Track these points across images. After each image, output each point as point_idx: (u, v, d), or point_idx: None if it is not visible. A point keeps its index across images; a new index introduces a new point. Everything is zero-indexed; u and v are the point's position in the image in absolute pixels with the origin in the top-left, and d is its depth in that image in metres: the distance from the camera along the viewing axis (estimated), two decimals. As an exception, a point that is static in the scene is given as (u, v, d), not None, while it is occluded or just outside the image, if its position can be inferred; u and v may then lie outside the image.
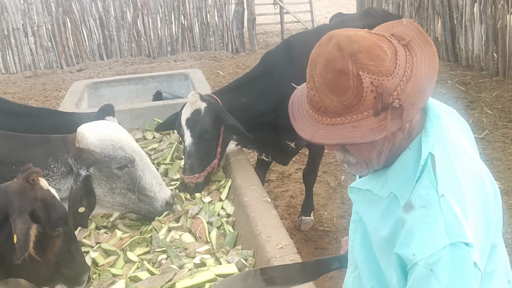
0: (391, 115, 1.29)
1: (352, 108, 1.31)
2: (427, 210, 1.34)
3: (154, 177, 3.24)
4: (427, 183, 1.38)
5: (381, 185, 1.50)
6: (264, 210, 3.09)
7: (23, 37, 12.25)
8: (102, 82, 6.73)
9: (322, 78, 1.33)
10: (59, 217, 2.35)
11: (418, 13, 10.62)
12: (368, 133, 1.31)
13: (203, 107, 3.70)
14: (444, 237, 1.30)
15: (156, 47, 12.99)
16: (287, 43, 4.34)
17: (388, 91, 1.29)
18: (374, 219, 1.52)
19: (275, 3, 14.41)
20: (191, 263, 2.80)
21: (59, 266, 2.46)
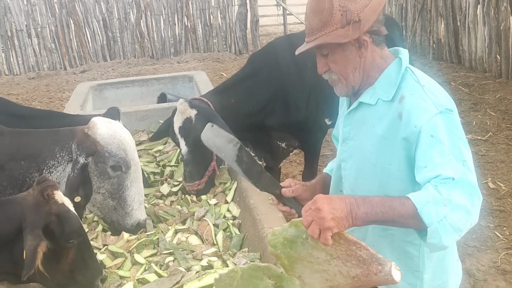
0: (352, 26, 1.82)
1: (327, 23, 1.84)
2: (415, 95, 1.82)
3: (138, 194, 3.19)
4: (410, 80, 1.87)
5: (370, 95, 1.94)
6: (270, 213, 3.11)
7: (27, 38, 12.27)
8: (107, 84, 6.75)
9: (310, 7, 1.89)
10: (73, 230, 2.39)
11: (421, 14, 10.63)
12: (336, 37, 1.83)
13: (194, 115, 3.70)
14: (433, 108, 1.76)
15: (160, 49, 13.01)
16: (273, 45, 4.39)
17: (351, 11, 1.80)
18: (369, 129, 1.93)
19: (278, 5, 14.43)
20: (198, 265, 2.82)
21: (73, 273, 2.50)
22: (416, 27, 10.82)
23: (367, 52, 1.89)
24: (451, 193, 1.65)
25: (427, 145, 1.73)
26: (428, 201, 1.64)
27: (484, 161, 5.75)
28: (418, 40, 10.89)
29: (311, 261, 1.74)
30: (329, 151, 6.35)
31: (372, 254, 1.64)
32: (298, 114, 4.10)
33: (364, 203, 1.70)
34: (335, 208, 1.67)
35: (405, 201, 1.67)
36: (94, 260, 2.60)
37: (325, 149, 6.39)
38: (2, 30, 12.03)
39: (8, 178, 2.87)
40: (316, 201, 1.70)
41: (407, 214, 1.66)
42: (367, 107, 1.95)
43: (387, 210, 1.68)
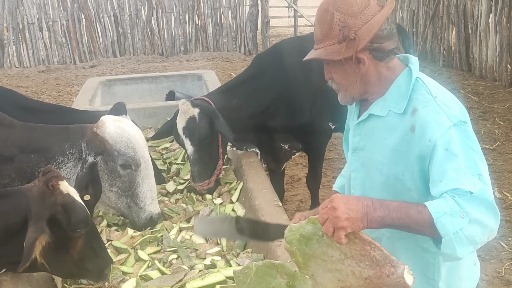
0: (347, 44, 1.81)
1: (326, 36, 1.84)
2: (428, 108, 1.78)
3: (150, 190, 3.24)
4: (421, 91, 1.83)
5: (381, 107, 1.92)
6: (275, 214, 3.10)
7: (38, 31, 12.34)
8: (116, 79, 6.78)
9: (316, 15, 1.90)
10: (80, 220, 2.39)
11: (432, 21, 10.59)
12: (331, 54, 1.84)
13: (197, 113, 3.69)
14: (447, 121, 1.73)
15: (169, 46, 13.04)
16: (278, 47, 4.37)
17: (349, 27, 1.79)
18: (380, 140, 1.92)
19: (290, 6, 14.43)
20: (202, 264, 2.82)
21: (83, 262, 2.52)
22: (427, 34, 10.78)
23: (365, 68, 1.87)
24: (468, 206, 1.63)
25: (442, 159, 1.71)
26: (445, 212, 1.63)
27: (492, 171, 5.71)
28: (429, 46, 10.85)
29: (324, 260, 1.75)
30: (336, 155, 6.35)
31: (385, 255, 1.64)
32: (302, 117, 4.08)
33: (381, 206, 1.71)
34: (350, 209, 1.68)
35: (422, 209, 1.67)
36: (103, 249, 2.63)
37: (332, 153, 6.38)
38: (14, 23, 12.10)
39: (17, 170, 2.89)
40: (332, 199, 1.71)
41: (423, 223, 1.67)
42: (378, 118, 1.94)
43: (403, 216, 1.69)
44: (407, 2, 11.39)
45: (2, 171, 2.90)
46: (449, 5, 10.00)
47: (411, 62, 1.94)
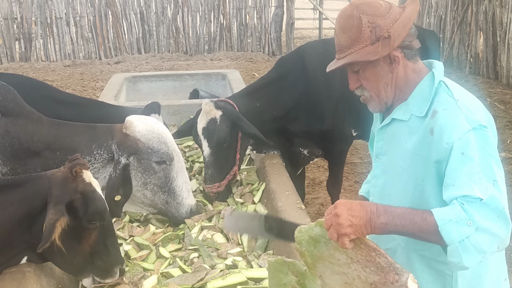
0: (382, 42, 1.79)
1: (356, 40, 1.81)
2: (448, 110, 1.76)
3: (185, 182, 3.25)
4: (443, 95, 1.81)
5: (403, 111, 1.90)
6: (297, 217, 3.07)
7: (65, 26, 12.51)
8: (141, 76, 6.83)
9: (338, 24, 1.87)
10: (97, 211, 2.39)
11: (460, 27, 10.45)
12: (366, 55, 1.81)
13: (219, 116, 3.65)
14: (466, 124, 1.70)
15: (194, 45, 13.10)
16: (302, 51, 4.32)
17: (380, 27, 1.78)
18: (400, 144, 1.90)
19: (315, 8, 14.38)
20: (223, 264, 2.81)
21: (93, 256, 2.51)
22: (454, 40, 10.65)
23: (398, 68, 1.86)
24: (477, 213, 1.60)
25: (457, 162, 1.69)
26: (450, 219, 1.60)
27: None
28: (455, 53, 10.71)
29: (332, 262, 1.77)
30: (358, 159, 6.30)
31: (390, 262, 1.65)
32: (324, 123, 4.02)
33: (385, 213, 1.70)
34: (353, 215, 1.68)
35: (427, 216, 1.65)
36: (116, 248, 2.61)
37: (354, 157, 6.33)
38: (42, 17, 12.28)
39: (42, 166, 2.92)
40: (336, 205, 1.72)
41: (427, 230, 1.65)
42: (400, 122, 1.92)
43: (408, 223, 1.67)
44: (435, 7, 11.26)
45: (28, 165, 2.93)
46: (478, 11, 9.86)
47: (435, 67, 1.92)
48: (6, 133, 2.88)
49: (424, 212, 1.67)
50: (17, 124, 2.92)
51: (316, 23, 14.63)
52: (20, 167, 2.92)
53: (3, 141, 2.88)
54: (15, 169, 2.92)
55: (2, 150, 2.88)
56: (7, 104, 2.92)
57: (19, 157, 2.91)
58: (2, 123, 2.89)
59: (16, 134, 2.90)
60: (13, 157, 2.90)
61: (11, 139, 2.89)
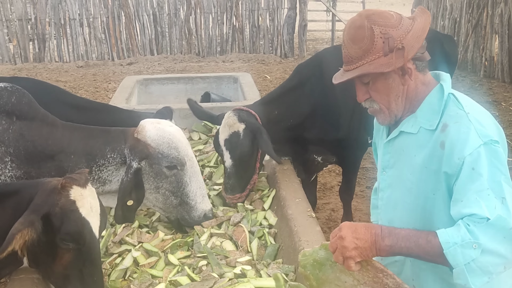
0: (396, 54, 1.75)
1: (368, 51, 1.77)
2: (459, 124, 1.73)
3: (200, 187, 3.23)
4: (454, 108, 1.79)
5: (411, 124, 1.87)
6: (308, 225, 3.04)
7: (79, 27, 12.58)
8: (153, 79, 6.82)
9: (348, 35, 1.82)
10: (68, 232, 2.26)
11: (475, 30, 10.34)
12: (379, 66, 1.76)
13: (242, 130, 3.63)
14: (477, 139, 1.68)
15: (206, 46, 13.10)
16: (320, 56, 4.27)
17: (393, 38, 1.75)
18: (409, 158, 1.87)
19: (328, 11, 14.32)
20: (232, 272, 2.78)
21: (66, 280, 2.39)
22: (468, 43, 10.53)
23: (411, 80, 1.83)
24: (483, 235, 1.59)
25: (467, 178, 1.67)
26: (455, 243, 1.61)
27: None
28: (470, 56, 10.60)
29: (338, 285, 1.77)
30: (370, 164, 6.23)
31: (398, 283, 1.66)
32: (339, 130, 3.99)
33: (390, 235, 1.71)
34: (358, 238, 1.71)
35: (432, 239, 1.65)
36: (95, 281, 2.42)
37: (366, 161, 6.27)
38: (56, 18, 12.36)
39: (56, 169, 2.93)
40: (341, 228, 1.75)
41: (432, 252, 1.66)
42: (408, 135, 1.89)
43: (412, 246, 1.69)
44: (449, 10, 11.15)
45: (42, 168, 2.94)
46: (493, 14, 9.74)
47: (442, 79, 1.90)
48: (20, 137, 2.90)
49: (428, 234, 1.67)
50: (31, 127, 2.93)
51: (329, 25, 14.57)
52: (34, 170, 2.93)
53: (18, 145, 2.89)
54: (29, 172, 2.92)
55: (16, 153, 2.89)
56: (22, 107, 2.94)
57: (33, 160, 2.92)
58: (17, 127, 2.90)
59: (30, 138, 2.92)
60: (27, 161, 2.91)
61: (26, 142, 2.91)
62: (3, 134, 2.87)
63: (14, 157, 2.88)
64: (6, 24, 12.34)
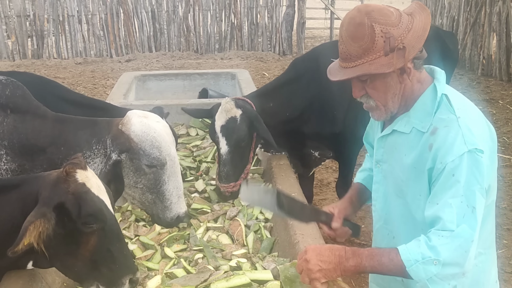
0: (397, 54, 1.72)
1: (368, 50, 1.74)
2: (449, 128, 1.74)
3: (176, 188, 3.14)
4: (445, 111, 1.79)
5: (404, 124, 1.88)
6: (303, 219, 3.06)
7: (77, 24, 12.58)
8: (151, 75, 6.83)
9: (346, 31, 1.78)
10: (90, 213, 2.22)
11: (473, 28, 10.36)
12: (380, 67, 1.74)
13: (239, 115, 3.63)
14: (463, 146, 1.69)
15: (204, 44, 13.11)
16: (316, 52, 4.29)
17: (394, 37, 1.72)
18: (400, 156, 1.90)
19: (327, 8, 14.34)
20: (227, 265, 2.80)
21: (96, 263, 2.33)
22: (466, 41, 10.55)
23: (410, 77, 1.82)
24: (444, 250, 1.65)
25: (446, 183, 1.71)
26: (417, 260, 1.67)
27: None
28: (468, 54, 10.62)
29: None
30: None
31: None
32: (335, 125, 4.00)
33: (353, 256, 1.78)
34: (322, 260, 1.78)
35: (394, 257, 1.71)
36: (125, 255, 2.40)
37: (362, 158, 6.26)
38: (55, 15, 12.36)
39: (48, 161, 2.92)
40: (306, 251, 1.82)
41: (395, 270, 1.73)
42: (401, 134, 1.91)
43: (376, 264, 1.75)
44: (447, 8, 11.17)
45: (35, 161, 2.94)
46: (491, 12, 9.76)
47: (436, 77, 1.89)
48: (14, 129, 2.89)
49: (391, 252, 1.73)
50: (25, 120, 2.93)
51: (328, 23, 14.58)
52: (27, 163, 2.93)
53: (12, 137, 2.88)
54: (22, 165, 2.92)
55: (10, 146, 2.88)
56: (16, 100, 2.93)
57: (27, 153, 2.92)
58: (11, 119, 2.90)
59: (24, 130, 2.91)
60: (21, 153, 2.91)
61: (19, 135, 2.90)
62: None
63: (9, 149, 2.88)
64: (4, 20, 12.34)
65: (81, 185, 2.23)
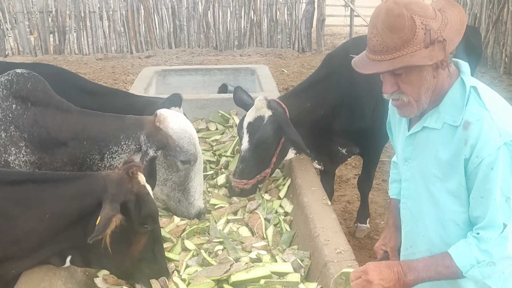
0: (438, 46, 1.71)
1: (408, 42, 1.71)
2: (482, 122, 1.74)
3: (200, 185, 3.24)
4: (475, 104, 1.77)
5: (435, 119, 1.87)
6: (323, 213, 3.06)
7: (98, 20, 12.69)
8: (171, 70, 6.87)
9: (384, 23, 1.73)
10: (149, 214, 2.36)
11: (495, 26, 10.22)
12: (422, 59, 1.71)
13: (267, 116, 3.60)
14: (499, 139, 1.70)
15: (224, 40, 13.13)
16: (351, 44, 4.24)
17: (434, 30, 1.70)
18: (433, 153, 1.87)
19: (347, 5, 14.25)
20: (247, 257, 2.81)
21: (141, 263, 2.47)
22: (488, 39, 10.41)
23: (444, 73, 1.81)
24: (495, 252, 1.73)
25: (485, 177, 1.73)
26: (472, 265, 1.74)
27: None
28: (490, 52, 10.48)
29: None
30: (387, 157, 6.19)
31: None
32: (364, 121, 3.96)
33: (410, 270, 1.84)
34: (383, 279, 1.83)
35: (449, 264, 1.77)
36: (163, 257, 2.57)
37: (383, 155, 6.24)
38: (76, 11, 12.49)
39: (69, 155, 2.96)
40: (367, 272, 1.86)
41: (452, 276, 1.79)
42: (432, 130, 1.90)
43: (433, 274, 1.81)
44: (469, 5, 11.03)
45: (56, 155, 2.97)
46: (515, 10, 9.62)
47: (462, 71, 1.88)
48: (34, 123, 2.93)
49: (444, 259, 1.79)
50: (45, 114, 2.96)
51: (347, 20, 14.48)
52: (47, 157, 2.96)
53: (32, 130, 2.92)
54: (42, 158, 2.95)
55: (30, 139, 2.92)
56: (37, 94, 2.97)
57: (47, 146, 2.95)
58: (31, 113, 2.94)
59: (44, 124, 2.94)
60: (41, 146, 2.95)
61: (39, 128, 2.94)
62: (18, 119, 2.91)
63: (28, 142, 2.92)
64: (27, 16, 12.49)
65: (143, 187, 2.37)
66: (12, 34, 12.50)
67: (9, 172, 2.63)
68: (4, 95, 2.92)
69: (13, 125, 2.89)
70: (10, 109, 2.91)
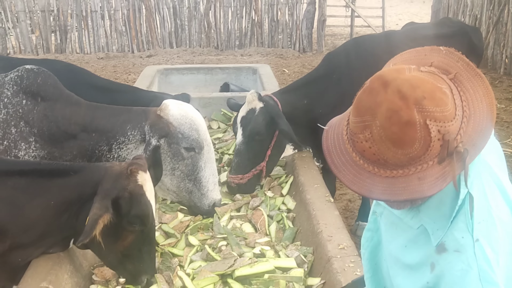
0: (456, 159, 1.21)
1: (418, 159, 1.23)
2: (460, 255, 1.27)
3: (213, 175, 3.21)
4: (462, 225, 1.29)
5: (412, 216, 1.42)
6: (326, 209, 3.09)
7: (100, 19, 12.71)
8: (173, 69, 6.91)
9: (384, 131, 1.23)
10: (139, 215, 2.36)
11: (496, 27, 10.25)
12: (434, 182, 1.23)
13: (259, 107, 3.64)
14: (478, 284, 1.23)
15: (225, 40, 13.16)
16: (352, 45, 4.22)
17: (453, 136, 1.22)
18: (399, 243, 1.47)
19: (347, 6, 14.28)
20: (251, 252, 2.84)
21: (124, 258, 2.49)
22: (489, 40, 10.44)
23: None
24: None
25: None
26: None
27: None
28: (490, 53, 10.51)
29: None
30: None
31: None
32: None
33: None
34: None
35: None
36: (151, 258, 2.57)
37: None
38: (78, 10, 12.51)
39: (79, 148, 3.00)
40: None
41: None
42: (405, 224, 1.48)
43: None
44: (470, 6, 11.06)
45: (65, 148, 3.01)
46: (515, 11, 9.65)
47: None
48: (44, 117, 2.97)
49: None
50: (55, 108, 3.00)
51: (348, 21, 14.51)
52: (57, 151, 3.00)
53: (42, 125, 2.96)
54: (52, 152, 2.99)
55: (40, 134, 2.96)
56: (46, 89, 3.01)
57: (56, 140, 2.99)
58: (41, 107, 2.98)
59: (54, 118, 2.98)
60: (51, 141, 2.98)
61: (49, 123, 2.98)
62: (28, 114, 2.95)
63: (38, 137, 2.95)
64: (29, 15, 12.52)
65: (139, 186, 2.36)
66: (14, 33, 12.52)
67: (17, 162, 2.69)
68: (14, 91, 2.95)
69: (23, 121, 2.93)
70: (20, 105, 2.94)
